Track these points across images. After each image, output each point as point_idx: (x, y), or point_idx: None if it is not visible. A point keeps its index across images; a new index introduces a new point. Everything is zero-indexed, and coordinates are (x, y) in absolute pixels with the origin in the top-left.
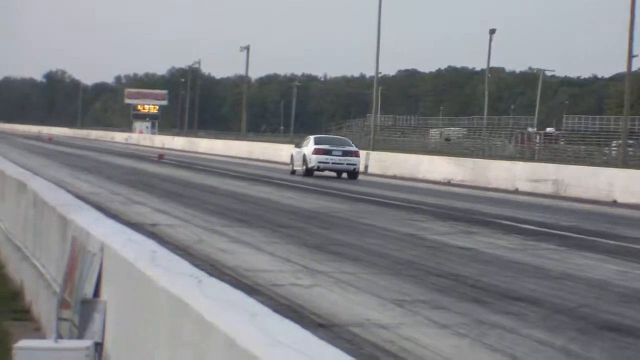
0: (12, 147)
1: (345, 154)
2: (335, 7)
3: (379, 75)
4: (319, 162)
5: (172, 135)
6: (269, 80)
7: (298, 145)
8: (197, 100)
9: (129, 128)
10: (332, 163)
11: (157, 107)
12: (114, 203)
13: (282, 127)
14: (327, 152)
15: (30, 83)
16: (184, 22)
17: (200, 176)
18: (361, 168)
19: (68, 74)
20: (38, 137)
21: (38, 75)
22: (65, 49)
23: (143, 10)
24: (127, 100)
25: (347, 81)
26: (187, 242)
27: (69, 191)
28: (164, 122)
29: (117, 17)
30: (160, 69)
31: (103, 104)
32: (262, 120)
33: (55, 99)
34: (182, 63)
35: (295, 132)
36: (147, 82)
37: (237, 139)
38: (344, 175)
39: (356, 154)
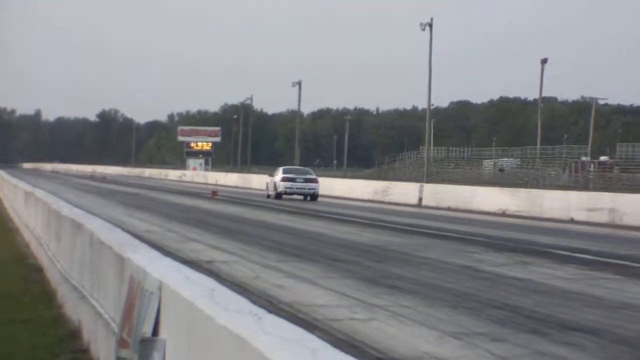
0: (66, 187)
1: (307, 180)
2: (386, 41)
3: (432, 107)
4: (286, 188)
5: (226, 172)
6: (322, 115)
7: (271, 175)
8: (250, 136)
9: (182, 165)
10: (296, 188)
11: (210, 144)
12: (169, 241)
13: (335, 161)
14: (292, 180)
15: (84, 123)
16: (235, 60)
17: (254, 212)
18: (411, 200)
19: (121, 113)
20: (92, 177)
21: (91, 115)
22: (118, 89)
23: (195, 49)
24: (180, 138)
25: (399, 114)
26: (243, 279)
27: (124, 230)
28: (217, 159)
29: (168, 55)
30: (213, 106)
31: (156, 142)
32: (315, 155)
33: (109, 138)
34: (235, 99)
35: (348, 166)
36: (199, 119)
37: None
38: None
39: (315, 181)
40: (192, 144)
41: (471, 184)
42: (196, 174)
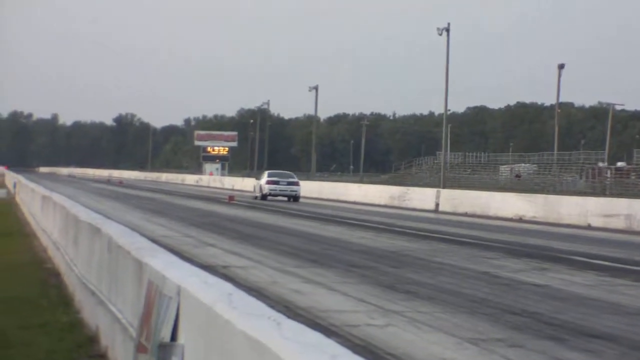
0: (83, 191)
1: (289, 183)
2: (403, 46)
3: (448, 113)
4: (270, 190)
5: (242, 177)
6: (338, 120)
7: (257, 178)
8: (267, 141)
9: (198, 170)
10: (280, 190)
11: (227, 148)
12: (186, 246)
13: (351, 167)
14: (275, 183)
15: (100, 127)
16: (252, 64)
17: (270, 217)
18: (428, 206)
19: (137, 117)
20: (108, 181)
21: (108, 119)
22: (134, 93)
23: (211, 53)
24: (197, 142)
25: (416, 119)
26: (260, 284)
27: (142, 235)
28: (234, 164)
29: (185, 60)
30: (230, 111)
31: (173, 146)
32: (331, 160)
33: (125, 143)
34: (251, 104)
35: (364, 171)
36: (216, 123)
37: (306, 178)
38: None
39: (297, 184)
40: (209, 149)
41: (488, 190)
42: (213, 179)
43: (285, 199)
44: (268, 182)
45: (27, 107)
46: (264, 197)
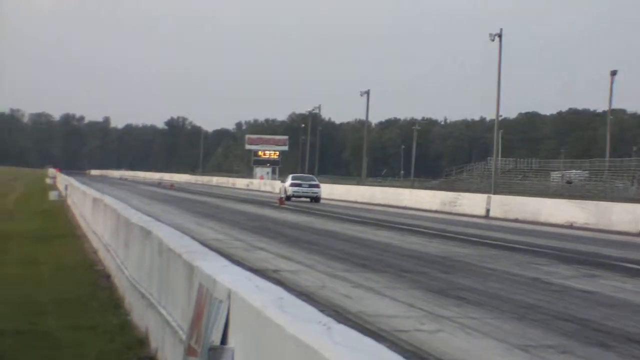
0: (134, 194)
1: (311, 186)
2: (455, 51)
3: (500, 118)
4: (294, 192)
5: None
6: (389, 125)
7: (283, 181)
8: (318, 146)
9: (249, 174)
10: (302, 192)
11: (278, 152)
12: (236, 249)
13: (402, 172)
14: (298, 185)
15: (152, 130)
16: (304, 69)
17: (321, 221)
18: (478, 212)
19: (189, 120)
20: (159, 184)
21: (160, 123)
22: (186, 97)
23: (264, 58)
24: (248, 146)
25: (467, 125)
26: (310, 288)
27: (192, 238)
28: (285, 168)
29: (237, 64)
30: (281, 115)
31: (224, 150)
32: (382, 165)
33: (177, 146)
34: (302, 108)
35: (415, 176)
36: (267, 127)
37: (357, 183)
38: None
39: (317, 186)
40: (260, 153)
41: (539, 196)
42: (263, 183)
43: (310, 200)
44: (292, 185)
45: (79, 110)
46: (288, 198)
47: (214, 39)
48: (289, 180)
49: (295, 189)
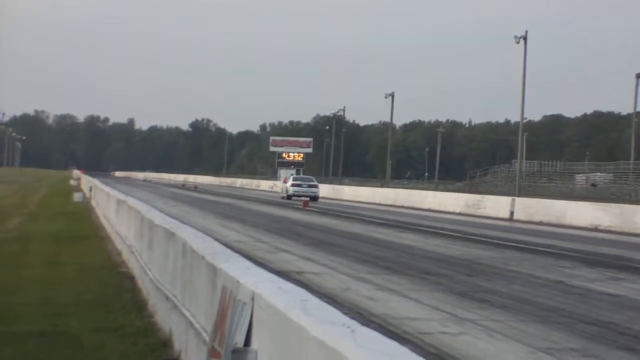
0: (158, 196)
1: (310, 186)
2: (479, 54)
3: (524, 121)
4: (294, 191)
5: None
6: (414, 127)
7: (284, 182)
8: (342, 148)
9: (273, 176)
10: (302, 191)
11: (302, 154)
12: (259, 251)
13: (426, 174)
14: (298, 185)
15: (176, 132)
16: (328, 70)
17: (345, 223)
18: (502, 214)
19: (213, 122)
20: (183, 186)
21: (184, 124)
22: (210, 98)
23: (288, 59)
24: (272, 148)
25: (491, 127)
26: (333, 290)
27: (216, 239)
28: (309, 170)
29: (260, 66)
30: (305, 117)
31: (248, 152)
32: (406, 167)
33: (201, 148)
34: (327, 110)
35: (439, 179)
36: (292, 129)
37: (381, 185)
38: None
39: (316, 186)
40: (284, 155)
41: (563, 199)
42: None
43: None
44: (293, 185)
45: (103, 111)
46: (289, 197)
47: (234, 39)
48: (290, 181)
49: (296, 188)
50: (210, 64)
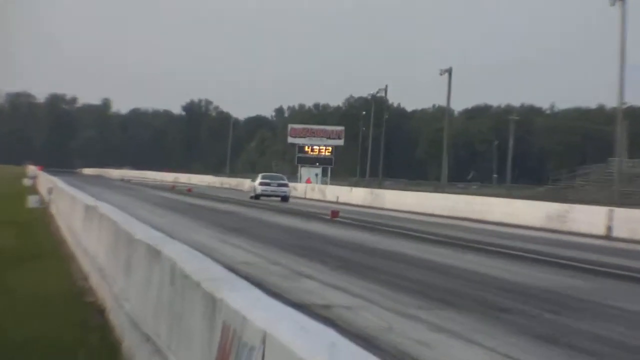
0: (142, 202)
1: (279, 185)
2: (563, 18)
3: (624, 106)
4: (262, 190)
5: (350, 186)
6: (478, 113)
7: (253, 180)
8: (383, 140)
9: (292, 176)
10: (271, 191)
11: (331, 148)
12: (274, 277)
13: (495, 175)
14: (267, 184)
15: (165, 117)
16: (365, 41)
17: (386, 240)
18: (597, 230)
19: (214, 105)
20: (173, 187)
21: (176, 107)
22: (210, 72)
23: (313, 24)
24: (291, 140)
25: (581, 114)
26: (372, 331)
27: (216, 260)
28: (339, 169)
29: (274, 32)
30: (335, 99)
31: (259, 144)
32: (468, 166)
33: (198, 138)
34: (363, 91)
35: (513, 182)
36: (317, 115)
37: (435, 190)
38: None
39: (286, 185)
40: (307, 148)
41: None
42: (311, 188)
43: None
44: (261, 184)
45: (69, 89)
46: (257, 197)
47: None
48: (258, 179)
49: (264, 187)
50: (211, 23)
